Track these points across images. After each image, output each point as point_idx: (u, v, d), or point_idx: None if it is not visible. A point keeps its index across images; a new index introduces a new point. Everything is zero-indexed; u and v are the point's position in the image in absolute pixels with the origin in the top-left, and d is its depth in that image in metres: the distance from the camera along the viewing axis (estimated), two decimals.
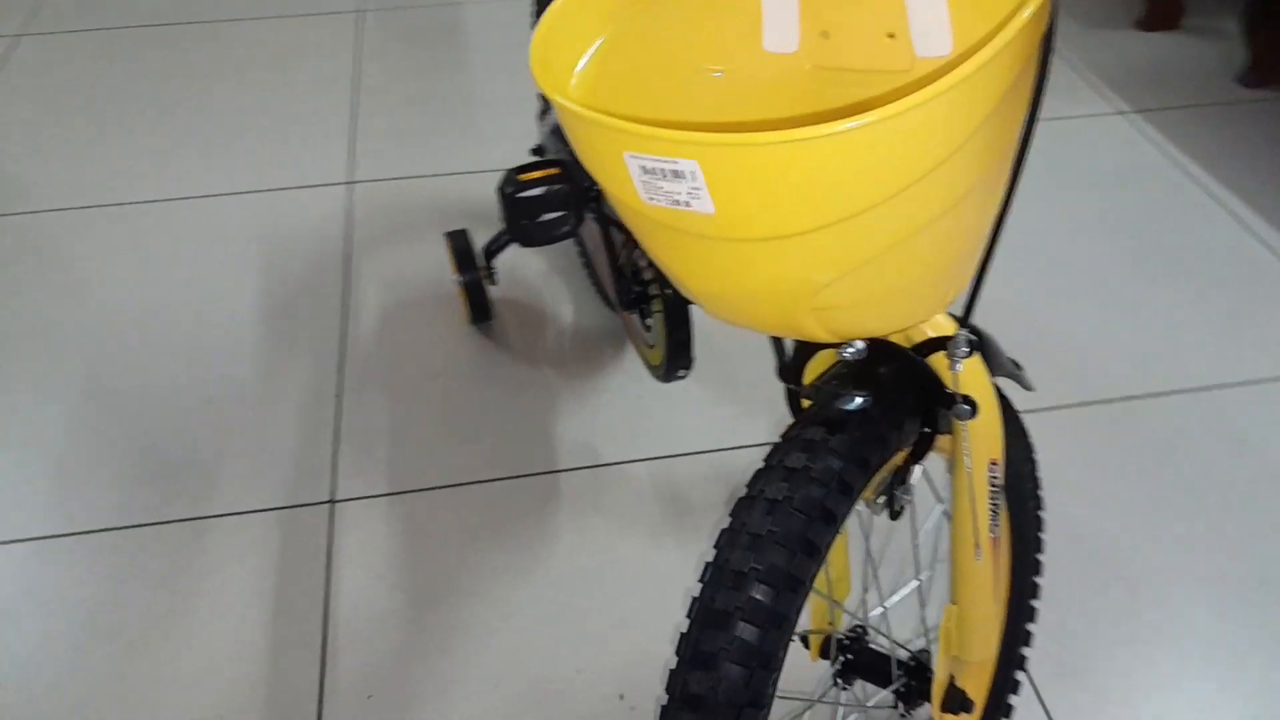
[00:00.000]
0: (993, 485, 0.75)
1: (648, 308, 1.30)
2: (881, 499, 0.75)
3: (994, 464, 0.74)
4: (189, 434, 1.41)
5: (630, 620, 1.18)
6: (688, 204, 0.52)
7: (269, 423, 1.42)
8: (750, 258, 0.54)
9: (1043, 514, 1.00)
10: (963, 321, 0.67)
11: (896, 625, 1.18)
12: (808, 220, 0.51)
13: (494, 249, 1.50)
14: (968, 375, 0.70)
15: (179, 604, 1.21)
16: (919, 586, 1.19)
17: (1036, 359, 1.51)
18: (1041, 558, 1.02)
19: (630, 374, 1.48)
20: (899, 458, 0.74)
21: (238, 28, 2.38)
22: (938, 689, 0.83)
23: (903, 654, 0.89)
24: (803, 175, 0.49)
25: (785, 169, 0.48)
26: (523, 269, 1.67)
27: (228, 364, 1.51)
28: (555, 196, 1.18)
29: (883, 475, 0.75)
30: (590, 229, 1.46)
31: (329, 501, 1.32)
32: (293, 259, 1.70)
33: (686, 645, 0.67)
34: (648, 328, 1.33)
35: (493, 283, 1.53)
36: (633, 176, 0.53)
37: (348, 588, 1.22)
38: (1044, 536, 1.04)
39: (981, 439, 0.72)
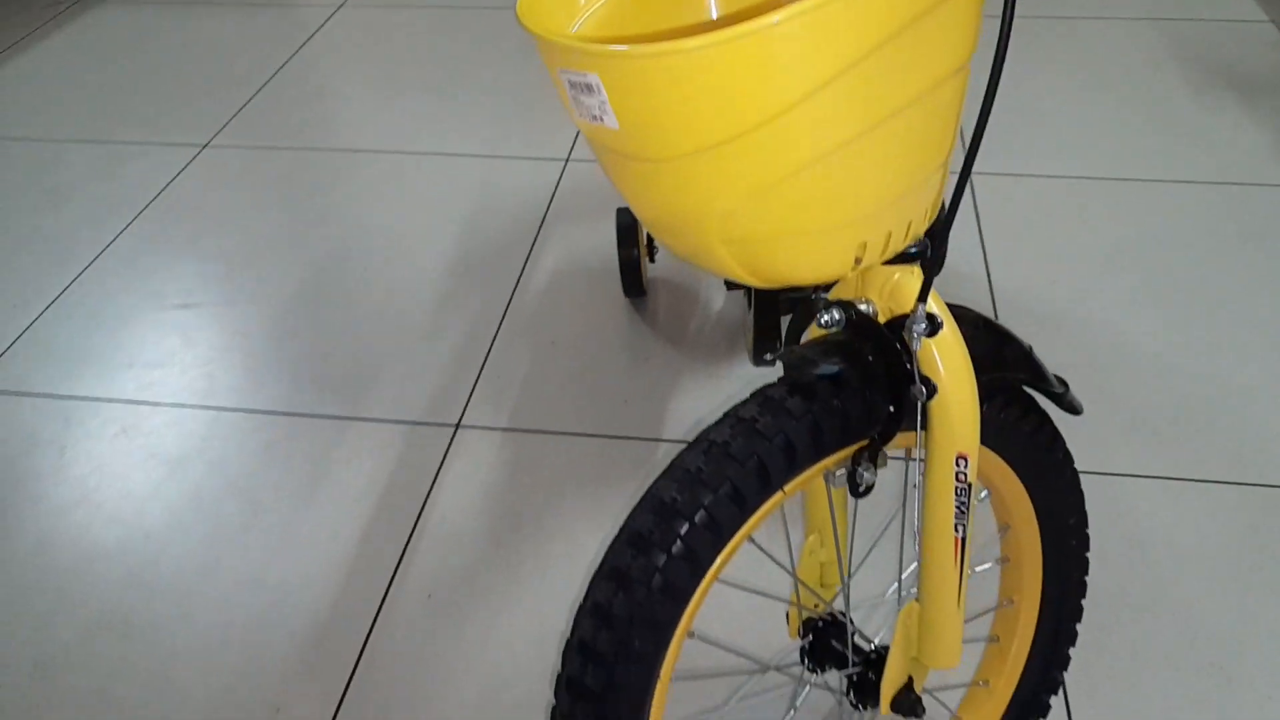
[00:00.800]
0: (959, 480, 0.72)
1: (749, 290, 1.33)
2: (841, 472, 0.75)
3: (962, 459, 0.71)
4: (361, 348, 1.59)
5: None
6: (600, 119, 0.57)
7: (428, 351, 1.58)
8: (657, 178, 0.57)
9: (1086, 579, 0.94)
10: (923, 296, 0.66)
11: (881, 620, 1.14)
12: (698, 138, 0.54)
13: None
14: (932, 356, 0.68)
15: (306, 484, 1.37)
16: (900, 582, 1.14)
17: (1188, 421, 1.38)
18: (1077, 626, 0.95)
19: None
20: (866, 437, 0.73)
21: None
22: (888, 685, 0.80)
23: (867, 647, 0.87)
24: (688, 89, 0.52)
25: (672, 82, 0.52)
26: None
27: (413, 296, 1.69)
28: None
29: (851, 451, 0.75)
30: None
31: (455, 425, 1.45)
32: (498, 217, 1.86)
33: (604, 558, 0.71)
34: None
35: (651, 260, 1.60)
36: (566, 93, 0.58)
37: (443, 501, 1.34)
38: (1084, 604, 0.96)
39: (946, 428, 0.70)
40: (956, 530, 0.74)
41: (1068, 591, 0.93)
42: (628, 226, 1.59)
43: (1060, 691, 1.13)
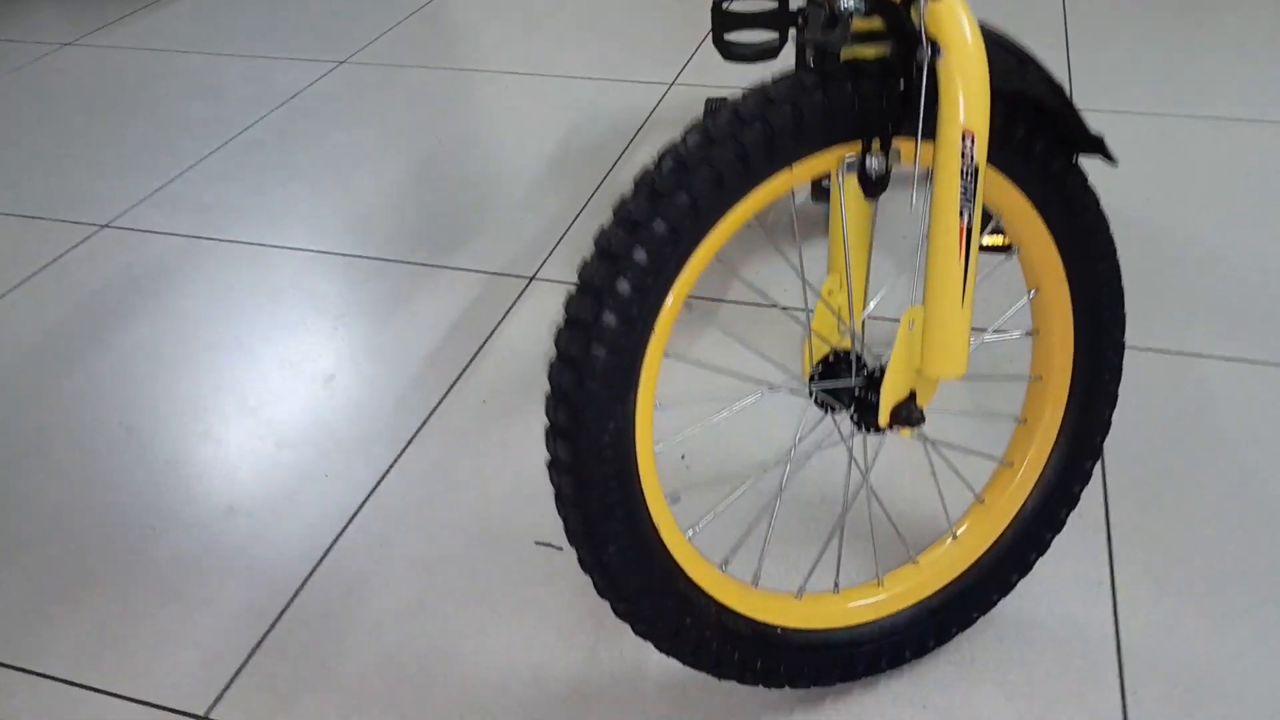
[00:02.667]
0: (964, 159, 0.73)
1: None
2: (852, 159, 0.76)
3: (969, 136, 0.72)
4: (462, 211, 1.68)
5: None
6: None
7: (519, 220, 1.65)
8: None
9: (1120, 361, 0.91)
10: None
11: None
12: None
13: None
14: (939, 17, 0.70)
15: (388, 320, 1.45)
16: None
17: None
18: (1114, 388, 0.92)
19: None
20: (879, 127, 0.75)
21: None
22: (888, 394, 0.80)
23: (872, 366, 0.86)
24: None
25: None
26: None
27: (517, 177, 1.77)
28: (761, 16, 1.28)
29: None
30: None
31: (530, 277, 1.51)
32: (602, 124, 1.94)
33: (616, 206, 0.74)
34: None
35: None
36: None
37: (509, 333, 1.39)
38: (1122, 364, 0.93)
39: (953, 98, 0.71)
40: (961, 215, 0.74)
41: (1099, 371, 0.90)
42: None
43: (1100, 492, 1.09)
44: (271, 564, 1.08)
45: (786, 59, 1.99)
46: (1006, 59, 0.77)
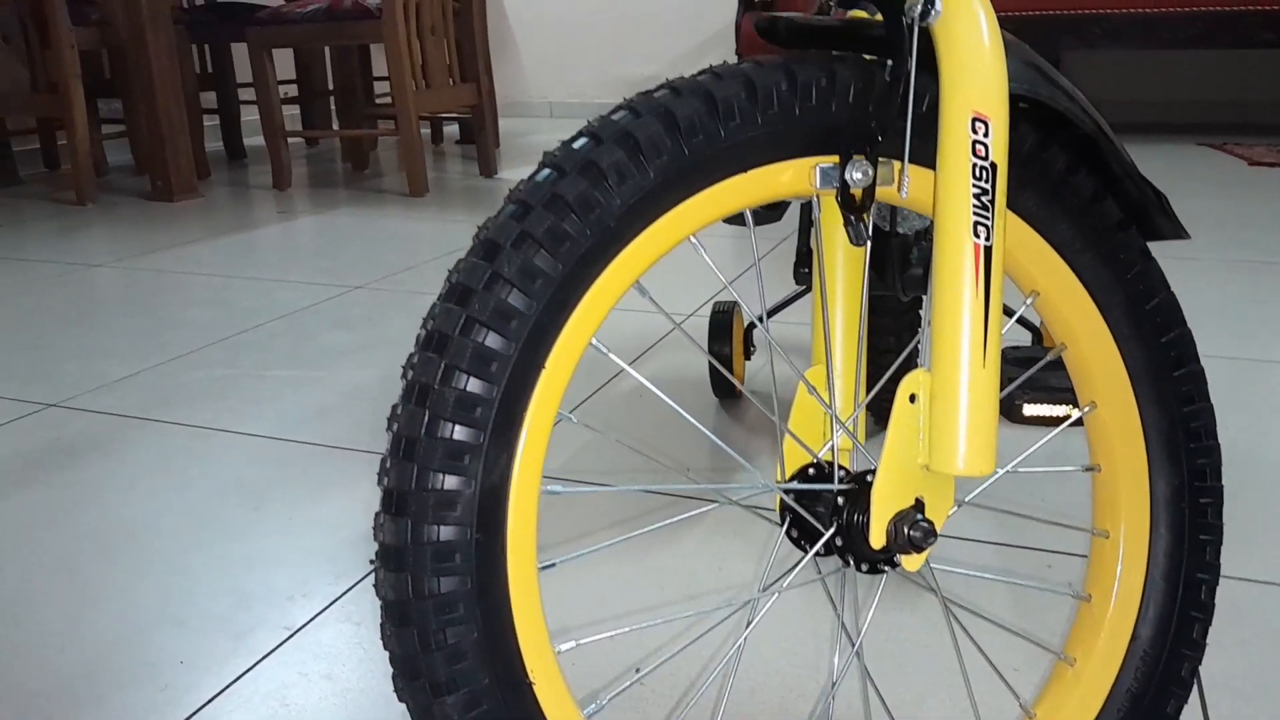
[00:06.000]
0: (977, 155, 0.53)
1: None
2: (830, 167, 0.57)
3: (981, 122, 0.53)
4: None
5: None
6: None
7: None
8: None
9: (1220, 495, 0.66)
10: None
11: None
12: None
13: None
14: None
15: (319, 501, 1.24)
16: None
17: None
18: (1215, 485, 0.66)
19: None
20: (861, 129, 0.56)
21: None
22: (881, 502, 0.55)
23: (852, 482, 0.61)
24: None
25: None
26: None
27: None
28: None
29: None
30: None
31: None
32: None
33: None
34: None
35: (747, 358, 1.46)
36: None
37: None
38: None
39: (956, 68, 0.53)
40: (976, 234, 0.53)
41: (1192, 514, 0.64)
42: (722, 322, 1.47)
43: (1197, 697, 0.77)
44: None
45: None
46: (1026, 67, 0.59)
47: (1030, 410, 0.94)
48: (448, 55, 3.39)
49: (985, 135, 0.53)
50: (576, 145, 0.54)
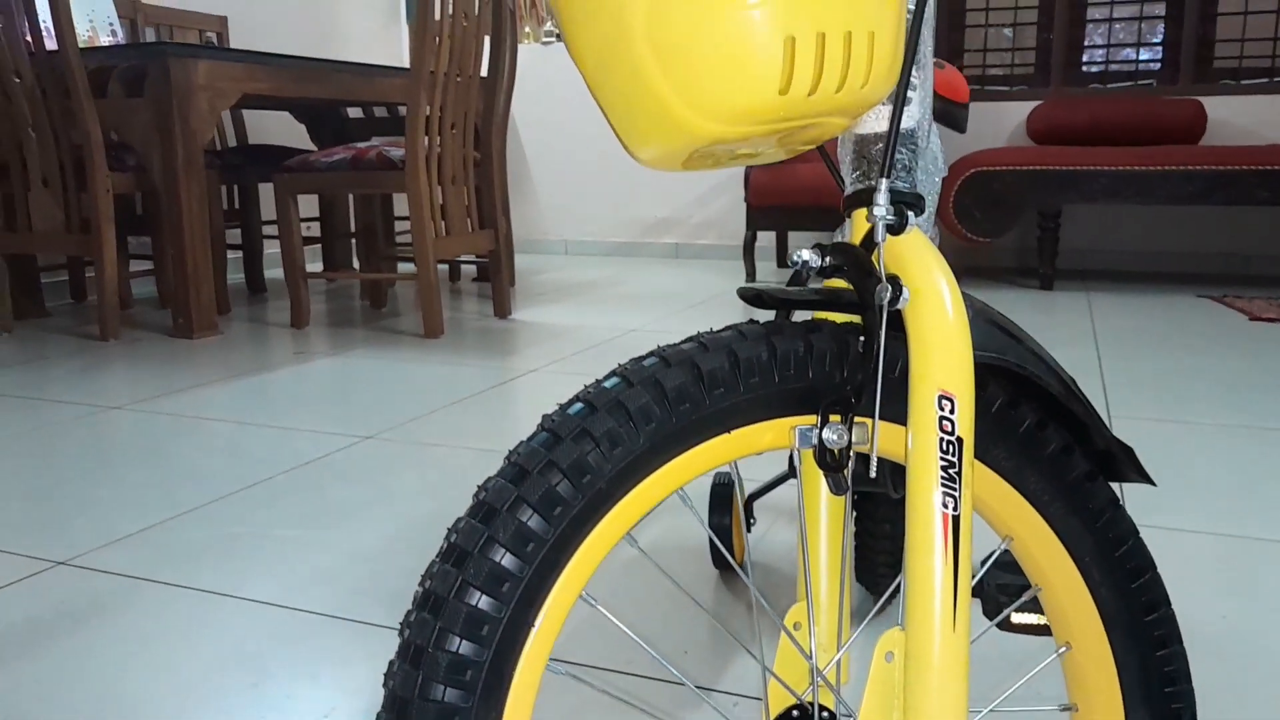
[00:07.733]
0: (943, 431, 0.57)
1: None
2: (810, 429, 0.60)
3: (947, 399, 0.57)
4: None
5: None
6: None
7: None
8: None
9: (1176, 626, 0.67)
10: (885, 170, 0.58)
11: None
12: None
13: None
14: (900, 253, 0.58)
15: (315, 682, 1.25)
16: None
17: None
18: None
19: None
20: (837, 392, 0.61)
21: None
22: None
23: None
24: None
25: None
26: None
27: None
28: None
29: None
30: None
31: None
32: None
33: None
34: None
35: (747, 529, 1.48)
36: None
37: None
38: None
39: (923, 349, 0.57)
40: (945, 505, 0.57)
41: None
42: (722, 496, 1.50)
43: None
44: None
45: None
46: (993, 331, 0.63)
47: (1019, 619, 0.96)
48: (468, 202, 3.52)
49: (951, 411, 0.57)
50: (572, 410, 0.58)
